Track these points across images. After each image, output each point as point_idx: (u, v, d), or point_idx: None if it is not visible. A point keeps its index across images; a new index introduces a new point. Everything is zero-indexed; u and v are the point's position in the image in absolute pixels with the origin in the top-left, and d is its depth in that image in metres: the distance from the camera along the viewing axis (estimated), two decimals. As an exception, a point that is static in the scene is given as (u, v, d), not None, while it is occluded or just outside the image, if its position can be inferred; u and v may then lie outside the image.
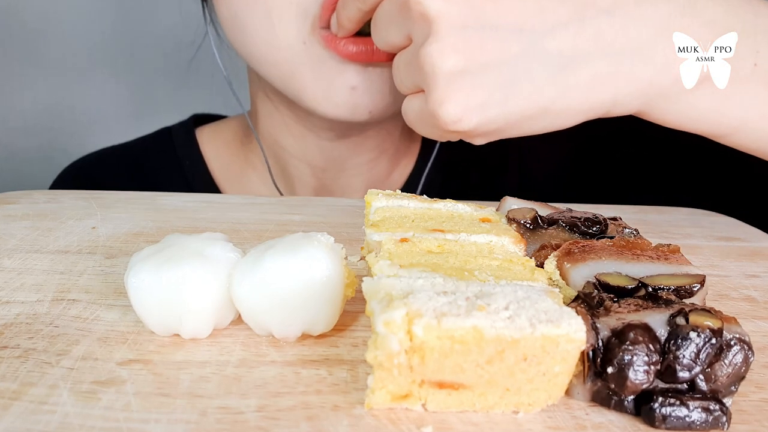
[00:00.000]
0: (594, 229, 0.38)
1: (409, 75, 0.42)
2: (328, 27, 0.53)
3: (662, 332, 0.26)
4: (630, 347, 0.26)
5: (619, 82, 0.40)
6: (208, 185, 0.74)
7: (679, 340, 0.26)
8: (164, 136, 0.79)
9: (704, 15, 0.40)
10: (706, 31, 0.40)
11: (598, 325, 0.27)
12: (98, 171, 0.79)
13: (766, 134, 0.44)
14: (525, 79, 0.39)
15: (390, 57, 0.51)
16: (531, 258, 0.34)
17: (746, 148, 0.46)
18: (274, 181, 0.71)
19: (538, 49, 0.39)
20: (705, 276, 0.31)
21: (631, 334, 0.26)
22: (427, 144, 0.73)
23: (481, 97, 0.39)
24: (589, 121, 0.43)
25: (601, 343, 0.27)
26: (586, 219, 0.38)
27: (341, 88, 0.55)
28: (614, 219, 0.39)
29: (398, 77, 0.44)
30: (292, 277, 0.30)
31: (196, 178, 0.74)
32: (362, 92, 0.55)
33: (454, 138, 0.43)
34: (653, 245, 0.35)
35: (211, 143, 0.77)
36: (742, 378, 0.27)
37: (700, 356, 0.26)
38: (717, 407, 0.26)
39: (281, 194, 0.71)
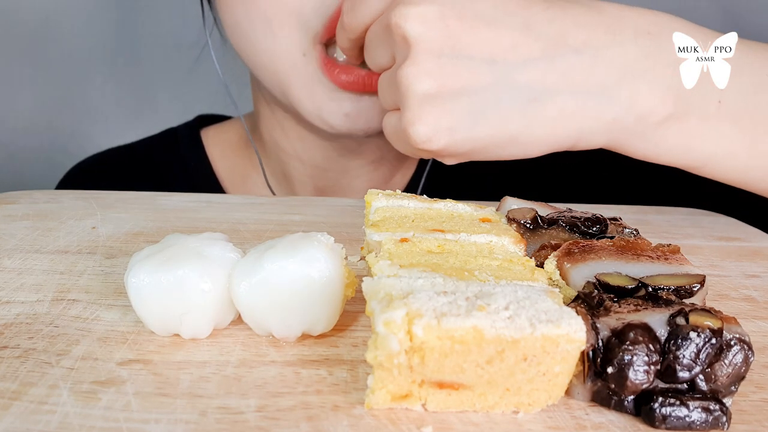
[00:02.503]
0: (594, 229, 0.38)
1: (389, 93, 0.44)
2: (327, 44, 0.55)
3: (662, 332, 0.26)
4: (630, 347, 0.26)
5: (584, 118, 0.42)
6: (213, 187, 0.74)
7: (679, 340, 0.26)
8: (169, 137, 0.79)
9: (670, 56, 0.42)
10: (670, 71, 0.42)
11: (598, 325, 0.27)
12: (104, 171, 0.79)
13: (734, 168, 0.45)
14: (493, 109, 0.41)
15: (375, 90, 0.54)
16: (531, 258, 0.34)
17: (718, 179, 0.47)
18: (269, 183, 0.71)
19: (509, 81, 0.41)
20: (705, 276, 0.31)
21: (631, 334, 0.26)
22: None
23: (450, 122, 0.41)
24: None
25: (601, 343, 0.27)
26: (586, 219, 0.38)
27: (334, 113, 0.56)
28: (614, 219, 0.39)
29: (381, 94, 0.47)
30: (292, 277, 0.30)
31: (202, 180, 0.74)
32: (355, 118, 0.57)
33: (425, 156, 0.45)
34: (653, 245, 0.35)
35: (216, 145, 0.77)
36: (742, 378, 0.27)
37: (700, 356, 0.26)
38: (717, 407, 0.26)
39: (274, 194, 0.71)
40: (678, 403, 0.26)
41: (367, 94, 0.56)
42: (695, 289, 0.30)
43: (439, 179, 0.72)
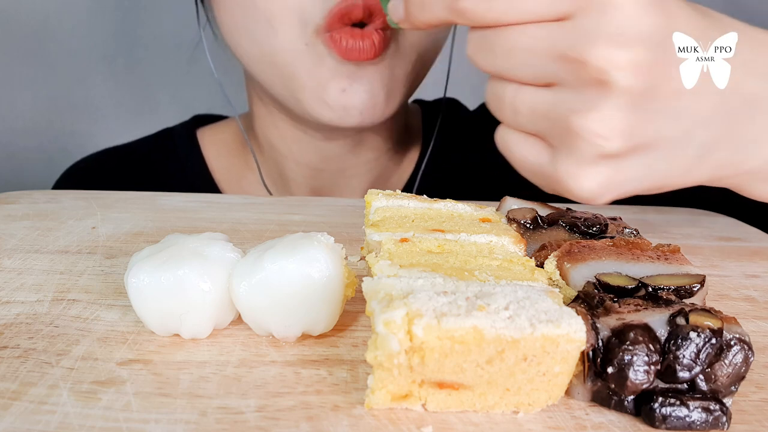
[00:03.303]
0: (594, 229, 0.38)
1: (536, 122, 0.37)
2: (331, 32, 0.54)
3: (662, 332, 0.26)
4: (630, 347, 0.26)
5: (729, 168, 0.40)
6: (209, 186, 0.74)
7: (679, 340, 0.26)
8: (166, 137, 0.79)
9: None
10: None
11: (598, 325, 0.27)
12: (100, 172, 0.79)
13: None
14: (665, 166, 0.38)
15: (377, 54, 0.54)
16: (531, 258, 0.34)
17: None
18: (264, 182, 0.71)
19: (688, 136, 0.37)
20: (705, 276, 0.31)
21: (631, 334, 0.26)
22: (427, 147, 0.73)
23: (621, 180, 0.37)
24: None
25: (601, 343, 0.27)
26: (586, 219, 0.38)
27: (333, 90, 0.56)
28: (614, 219, 0.39)
29: (515, 114, 0.38)
30: (292, 277, 0.30)
31: (198, 180, 0.74)
32: (352, 94, 0.56)
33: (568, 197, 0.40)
34: (653, 245, 0.35)
35: (212, 145, 0.77)
36: (742, 378, 0.27)
37: (700, 356, 0.26)
38: (717, 407, 0.26)
39: (270, 194, 0.71)
40: (678, 403, 0.26)
41: (360, 70, 0.55)
42: (695, 289, 0.30)
43: (440, 179, 0.72)
